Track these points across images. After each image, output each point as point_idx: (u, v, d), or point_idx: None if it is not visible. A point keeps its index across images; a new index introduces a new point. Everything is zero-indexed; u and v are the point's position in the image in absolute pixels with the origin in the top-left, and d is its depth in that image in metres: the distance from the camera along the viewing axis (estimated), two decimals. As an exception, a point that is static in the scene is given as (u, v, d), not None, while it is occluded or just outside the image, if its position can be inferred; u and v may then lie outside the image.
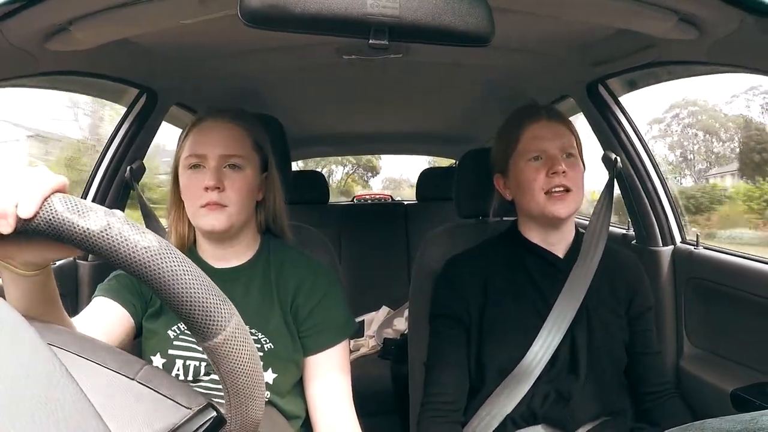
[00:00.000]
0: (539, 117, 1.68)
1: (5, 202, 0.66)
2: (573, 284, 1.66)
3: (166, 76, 2.10)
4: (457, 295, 1.70)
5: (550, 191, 1.60)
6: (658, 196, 2.21)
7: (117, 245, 0.64)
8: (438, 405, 1.66)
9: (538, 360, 1.60)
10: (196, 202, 1.44)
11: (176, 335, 1.47)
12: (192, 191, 1.45)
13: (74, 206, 0.65)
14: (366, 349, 3.34)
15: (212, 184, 1.41)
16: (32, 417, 0.42)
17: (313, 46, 2.01)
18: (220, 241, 1.54)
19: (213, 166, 1.44)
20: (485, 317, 1.67)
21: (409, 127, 4.01)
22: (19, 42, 1.34)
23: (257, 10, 1.06)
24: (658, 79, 2.17)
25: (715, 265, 2.00)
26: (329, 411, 1.48)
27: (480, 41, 1.18)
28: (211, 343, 0.69)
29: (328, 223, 3.83)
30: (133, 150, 2.19)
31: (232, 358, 0.71)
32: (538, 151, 1.63)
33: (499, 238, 1.81)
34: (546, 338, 1.61)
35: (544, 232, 1.71)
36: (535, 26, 1.78)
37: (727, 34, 1.39)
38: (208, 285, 0.68)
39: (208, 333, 0.68)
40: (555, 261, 1.70)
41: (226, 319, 0.69)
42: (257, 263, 1.57)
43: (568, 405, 1.61)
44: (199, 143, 1.46)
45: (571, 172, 1.60)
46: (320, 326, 1.52)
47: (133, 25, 1.54)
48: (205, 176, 1.43)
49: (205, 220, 1.44)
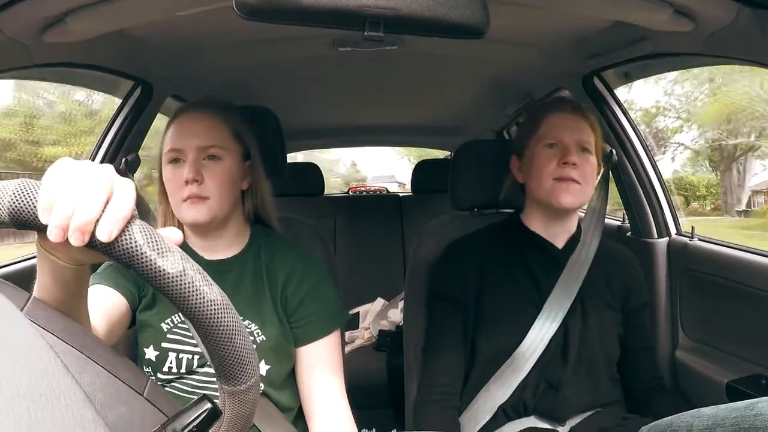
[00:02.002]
0: (563, 108, 1.68)
1: (85, 215, 0.63)
2: (569, 275, 1.67)
3: (162, 68, 2.10)
4: (455, 277, 1.71)
5: (559, 179, 1.61)
6: (653, 188, 2.22)
7: (187, 293, 0.64)
8: (436, 389, 1.67)
9: (533, 349, 1.61)
10: (178, 195, 1.44)
11: (170, 328, 1.47)
12: (173, 185, 1.45)
13: (154, 242, 0.65)
14: (361, 341, 3.33)
15: (191, 177, 1.41)
16: (27, 410, 0.42)
17: (309, 38, 2.01)
18: (206, 233, 1.54)
19: (191, 158, 1.43)
20: (481, 302, 1.68)
21: (405, 119, 4.01)
22: (15, 34, 1.33)
23: (252, 2, 1.06)
24: (653, 71, 2.18)
25: (711, 256, 2.00)
26: (322, 402, 1.49)
27: (475, 33, 1.18)
28: (236, 389, 0.73)
29: (323, 215, 3.84)
30: (128, 142, 2.18)
31: (248, 402, 0.75)
32: (555, 139, 1.64)
33: (501, 225, 1.82)
34: (541, 328, 1.62)
35: (548, 221, 1.72)
36: (531, 18, 1.78)
37: (722, 27, 1.39)
38: (248, 341, 0.71)
39: (237, 381, 0.72)
40: (553, 251, 1.71)
41: (253, 372, 0.73)
42: (248, 254, 1.57)
43: (558, 394, 1.62)
44: (177, 137, 1.46)
45: (582, 166, 1.61)
46: (311, 317, 1.52)
47: (128, 17, 1.54)
48: (185, 170, 1.43)
49: (187, 213, 1.44)
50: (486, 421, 1.64)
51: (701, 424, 1.13)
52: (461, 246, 1.78)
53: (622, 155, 2.20)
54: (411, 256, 2.02)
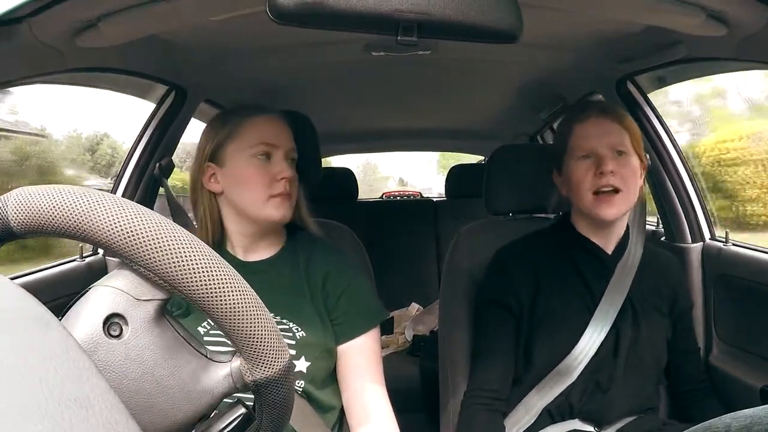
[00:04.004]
0: (588, 115, 1.66)
1: None
2: (618, 279, 1.67)
3: (195, 73, 2.12)
4: (507, 285, 1.71)
5: (599, 191, 1.60)
6: (687, 193, 2.19)
7: None
8: (483, 393, 1.67)
9: (584, 355, 1.61)
10: (266, 192, 1.46)
11: (206, 331, 1.48)
12: (262, 180, 1.47)
13: None
14: (395, 346, 3.34)
15: (290, 175, 1.47)
16: (62, 415, 0.43)
17: (342, 42, 2.01)
18: (260, 234, 1.56)
19: (281, 157, 1.49)
20: (536, 309, 1.67)
21: (438, 123, 4.01)
22: (48, 38, 1.35)
23: (286, 6, 1.07)
24: (687, 76, 2.16)
25: (745, 261, 1.98)
26: (365, 401, 1.50)
27: (508, 38, 1.18)
28: (265, 375, 0.72)
29: (357, 220, 3.83)
30: (161, 147, 2.20)
31: (282, 392, 0.75)
32: (587, 150, 1.63)
33: (550, 230, 1.82)
34: (592, 334, 1.62)
35: (596, 228, 1.71)
36: (564, 23, 1.78)
37: (756, 31, 1.38)
38: (264, 314, 0.70)
39: (264, 363, 0.71)
40: (603, 256, 1.71)
41: (280, 351, 0.72)
42: (285, 255, 1.59)
43: (605, 397, 1.62)
44: (268, 134, 1.50)
45: (621, 171, 1.59)
46: (350, 313, 1.53)
47: (161, 22, 1.55)
48: (275, 167, 1.47)
49: (276, 210, 1.47)
50: (530, 424, 1.64)
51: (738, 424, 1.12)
52: (512, 252, 1.77)
53: (656, 160, 2.18)
54: (446, 261, 2.02)
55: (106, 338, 0.65)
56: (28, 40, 1.28)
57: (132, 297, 0.68)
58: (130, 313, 0.67)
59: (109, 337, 0.65)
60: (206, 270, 0.65)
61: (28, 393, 0.42)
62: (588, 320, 1.64)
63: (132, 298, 0.68)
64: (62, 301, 1.66)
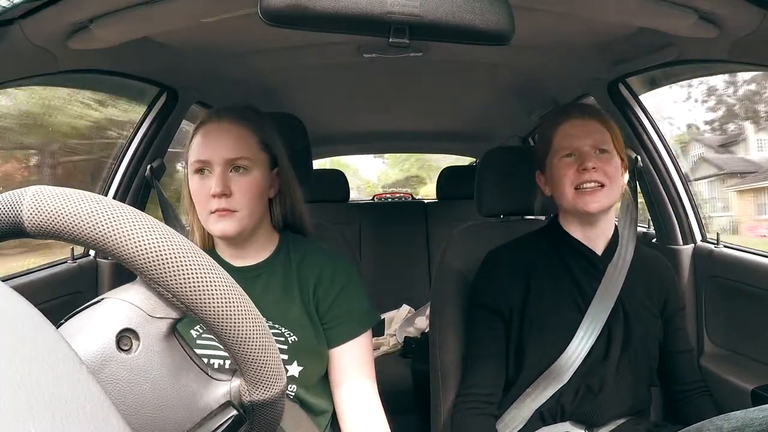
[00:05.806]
0: (571, 115, 1.68)
1: None
2: (609, 281, 1.67)
3: (187, 75, 2.12)
4: (498, 288, 1.70)
5: (580, 186, 1.61)
6: (679, 195, 2.20)
7: None
8: (475, 397, 1.67)
9: (576, 357, 1.61)
10: (206, 208, 1.42)
11: (199, 334, 1.48)
12: (200, 197, 1.43)
13: None
14: (386, 348, 3.34)
15: (219, 191, 1.39)
16: (53, 417, 0.42)
17: (333, 44, 2.02)
18: (235, 243, 1.53)
19: (218, 171, 1.41)
20: (527, 311, 1.67)
21: (430, 125, 4.01)
22: (40, 41, 1.35)
23: (277, 8, 1.07)
24: (679, 78, 2.17)
25: (736, 263, 1.99)
26: (356, 404, 1.49)
27: (500, 40, 1.18)
28: (262, 397, 0.73)
29: (348, 222, 3.84)
30: (153, 149, 2.20)
31: (275, 411, 0.76)
32: (570, 149, 1.64)
33: (540, 233, 1.82)
34: (584, 336, 1.62)
35: (583, 227, 1.71)
36: (556, 25, 1.78)
37: (747, 33, 1.38)
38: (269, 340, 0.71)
39: (263, 387, 0.73)
40: (593, 257, 1.71)
41: (279, 377, 0.73)
42: (277, 259, 1.57)
43: (597, 399, 1.62)
44: (203, 147, 1.43)
45: (603, 168, 1.60)
46: (343, 317, 1.52)
47: (153, 24, 1.55)
48: (212, 182, 1.40)
49: (215, 226, 1.42)
50: (522, 426, 1.64)
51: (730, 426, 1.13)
52: (502, 256, 1.77)
53: (648, 162, 2.19)
54: (437, 263, 2.02)
55: (117, 352, 0.65)
56: (20, 42, 1.28)
57: (146, 313, 0.68)
58: (143, 329, 0.67)
59: (120, 351, 0.65)
60: (225, 298, 0.65)
61: (18, 395, 0.42)
62: (579, 321, 1.63)
63: (146, 315, 0.68)
64: (54, 302, 1.65)
